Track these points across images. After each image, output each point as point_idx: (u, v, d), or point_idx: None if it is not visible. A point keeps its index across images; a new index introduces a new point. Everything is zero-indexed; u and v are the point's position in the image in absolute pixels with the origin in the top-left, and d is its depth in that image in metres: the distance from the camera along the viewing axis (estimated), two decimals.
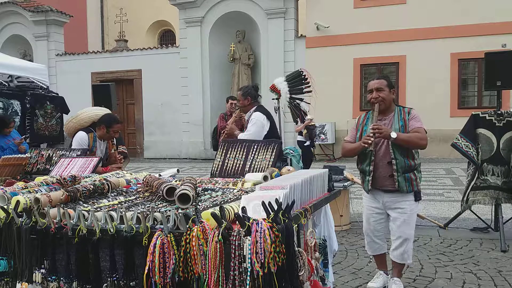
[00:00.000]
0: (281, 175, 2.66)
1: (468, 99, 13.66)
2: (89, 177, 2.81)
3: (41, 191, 2.27)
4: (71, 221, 1.89)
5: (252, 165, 3.20)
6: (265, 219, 1.61)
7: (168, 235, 1.67)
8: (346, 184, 5.54)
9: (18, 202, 2.07)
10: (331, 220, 2.72)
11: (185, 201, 2.02)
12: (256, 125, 4.90)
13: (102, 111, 4.87)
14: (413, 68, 13.59)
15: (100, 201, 2.27)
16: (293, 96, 5.37)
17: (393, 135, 3.37)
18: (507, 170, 5.24)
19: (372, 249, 3.83)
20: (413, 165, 3.53)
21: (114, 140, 4.73)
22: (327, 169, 2.73)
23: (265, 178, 2.59)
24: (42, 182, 2.52)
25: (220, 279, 1.58)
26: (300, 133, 10.08)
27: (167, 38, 23.22)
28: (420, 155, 3.62)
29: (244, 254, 1.54)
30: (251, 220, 1.59)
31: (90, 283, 1.86)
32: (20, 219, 1.99)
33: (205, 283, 1.60)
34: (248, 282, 1.53)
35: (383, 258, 3.88)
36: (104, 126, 4.52)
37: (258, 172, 3.07)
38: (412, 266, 4.37)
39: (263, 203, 1.71)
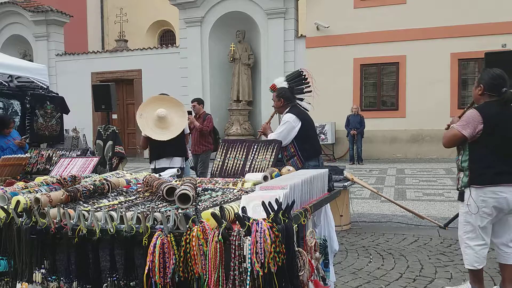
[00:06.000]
0: (281, 175, 2.66)
1: (468, 99, 13.61)
2: (89, 177, 2.81)
3: (41, 191, 2.27)
4: (71, 221, 1.89)
5: (252, 165, 3.20)
6: (265, 219, 1.61)
7: (168, 235, 1.67)
8: (346, 184, 5.55)
9: (18, 202, 2.07)
10: (331, 220, 2.71)
11: (185, 201, 2.02)
12: (284, 126, 4.81)
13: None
14: (413, 68, 13.58)
15: (100, 201, 2.26)
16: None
17: None
18: None
19: None
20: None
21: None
22: (327, 169, 2.72)
23: (265, 178, 2.59)
24: (42, 182, 2.52)
25: (220, 279, 1.57)
26: None
27: (167, 38, 23.19)
28: (421, 155, 3.57)
29: (244, 254, 1.54)
30: (251, 220, 1.59)
31: (90, 283, 1.86)
32: (20, 219, 1.99)
33: (205, 283, 1.60)
34: (248, 282, 1.53)
35: None
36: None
37: (258, 172, 3.07)
38: (411, 266, 4.38)
39: (263, 203, 1.71)
